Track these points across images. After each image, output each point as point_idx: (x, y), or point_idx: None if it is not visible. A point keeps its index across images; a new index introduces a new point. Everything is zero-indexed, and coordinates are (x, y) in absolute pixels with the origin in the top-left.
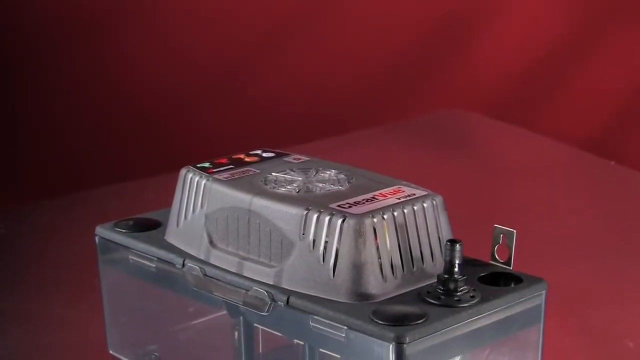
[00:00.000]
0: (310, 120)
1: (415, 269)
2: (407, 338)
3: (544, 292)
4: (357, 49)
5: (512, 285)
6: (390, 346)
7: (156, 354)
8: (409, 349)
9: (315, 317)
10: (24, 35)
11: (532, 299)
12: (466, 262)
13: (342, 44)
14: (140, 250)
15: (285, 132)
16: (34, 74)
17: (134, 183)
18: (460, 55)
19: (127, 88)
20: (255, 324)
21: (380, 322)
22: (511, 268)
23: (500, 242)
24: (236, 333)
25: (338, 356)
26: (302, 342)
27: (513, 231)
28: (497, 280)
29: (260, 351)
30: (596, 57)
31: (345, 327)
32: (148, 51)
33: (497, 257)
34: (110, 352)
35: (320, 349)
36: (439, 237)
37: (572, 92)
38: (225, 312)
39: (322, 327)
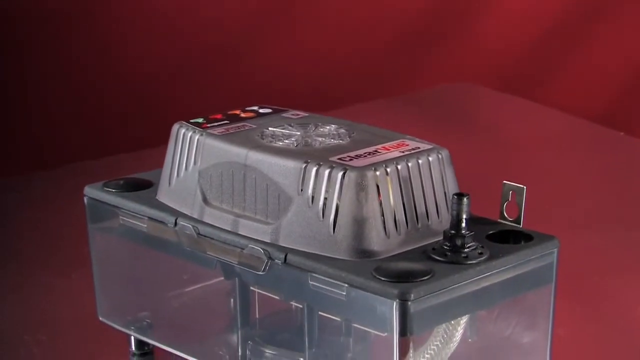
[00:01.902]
0: (311, 94)
1: (419, 225)
2: (412, 295)
3: (555, 250)
4: (360, 21)
5: (522, 243)
6: (394, 303)
7: (148, 320)
8: (413, 307)
9: (314, 275)
10: (15, 8)
11: (543, 258)
12: (473, 221)
13: (344, 16)
14: (130, 209)
15: (286, 106)
16: (26, 47)
17: (128, 155)
18: (465, 27)
19: (121, 61)
20: (252, 287)
21: (382, 278)
22: (521, 226)
23: (510, 199)
24: (232, 300)
25: (338, 319)
26: (300, 306)
27: (523, 187)
28: (507, 239)
29: (257, 317)
30: (605, 29)
31: (346, 285)
32: (143, 24)
33: (506, 215)
34: (100, 319)
35: (320, 312)
36: (445, 193)
37: (580, 64)
38: (221, 278)
39: (321, 286)
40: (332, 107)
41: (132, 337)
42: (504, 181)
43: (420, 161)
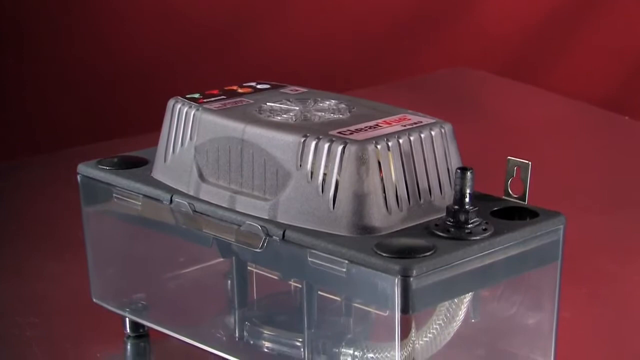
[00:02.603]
0: (309, 79)
1: (422, 201)
2: (414, 271)
3: (561, 227)
4: (359, 6)
5: (528, 220)
6: (396, 280)
7: (143, 302)
8: (415, 283)
9: (314, 251)
10: None
11: (549, 234)
12: (477, 198)
13: (343, 1)
14: (125, 187)
15: None
16: (20, 32)
17: (122, 140)
18: (465, 12)
19: (119, 46)
20: (249, 267)
21: (384, 254)
22: (526, 203)
23: (514, 176)
24: (229, 281)
25: (337, 299)
26: (299, 286)
27: (528, 163)
28: (511, 215)
29: (255, 298)
30: (607, 11)
31: (346, 261)
32: (141, 7)
33: (510, 191)
34: (94, 300)
35: (320, 292)
36: (448, 168)
37: (583, 48)
38: (218, 260)
39: (321, 262)
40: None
41: (127, 319)
42: (509, 157)
43: (422, 135)
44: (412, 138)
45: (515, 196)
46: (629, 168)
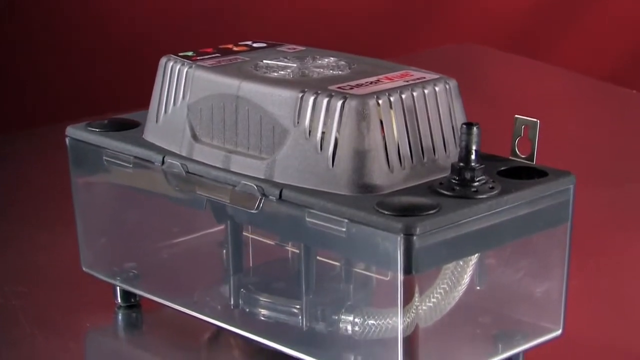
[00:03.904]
0: None
1: (425, 159)
2: (417, 229)
3: (571, 186)
4: None
5: (536, 179)
6: (398, 238)
7: (135, 271)
8: (418, 242)
9: (312, 210)
10: None
11: (559, 194)
12: (483, 158)
13: None
14: (115, 149)
15: None
16: (12, 5)
17: (115, 115)
18: None
19: (112, 19)
20: (245, 233)
21: (386, 212)
22: (534, 162)
23: (522, 135)
24: (224, 250)
25: (337, 264)
26: (296, 251)
27: (536, 121)
28: (519, 176)
29: (251, 265)
30: None
31: (346, 220)
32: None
33: (518, 151)
34: (84, 269)
35: (318, 258)
36: (452, 126)
37: (589, 22)
38: (213, 229)
39: (319, 222)
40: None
41: (118, 289)
42: (516, 115)
43: (426, 91)
44: (415, 93)
45: (523, 156)
46: (637, 141)
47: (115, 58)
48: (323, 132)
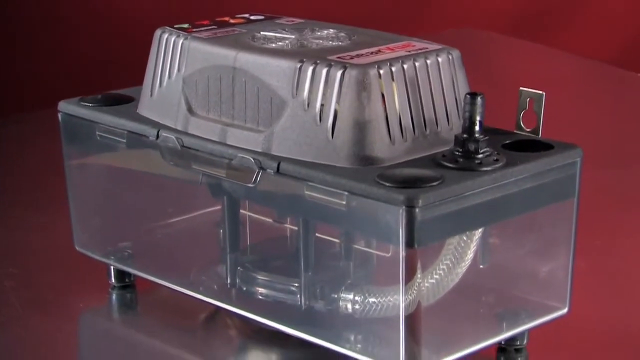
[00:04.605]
0: None
1: (428, 132)
2: (420, 201)
3: (578, 159)
4: None
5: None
6: (400, 210)
7: (129, 251)
8: (421, 214)
9: (311, 183)
10: None
11: (565, 167)
12: (487, 131)
13: None
14: (108, 123)
15: None
16: None
17: None
18: None
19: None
20: (242, 211)
21: (387, 184)
22: (539, 136)
23: (527, 108)
24: (220, 232)
25: (336, 240)
26: (295, 228)
27: (542, 93)
28: (524, 149)
29: (248, 243)
30: None
31: (346, 193)
32: None
33: (522, 125)
34: (77, 249)
35: (317, 235)
36: (455, 98)
37: (593, 5)
38: (208, 209)
39: (318, 195)
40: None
41: (112, 269)
42: (521, 88)
43: (428, 61)
44: (417, 64)
45: (528, 130)
46: None
47: (108, 37)
48: (322, 104)
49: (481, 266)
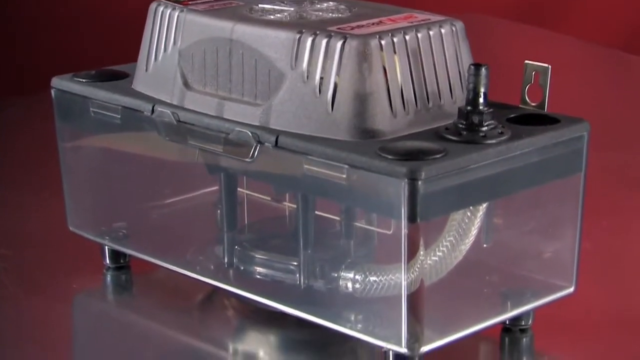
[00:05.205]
0: None
1: (430, 105)
2: (422, 173)
3: (585, 134)
4: None
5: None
6: (402, 183)
7: (124, 231)
8: (424, 187)
9: (310, 157)
10: None
11: (572, 142)
12: (492, 105)
13: None
14: (102, 99)
15: None
16: None
17: None
18: None
19: None
20: (240, 190)
21: (389, 157)
22: (545, 110)
23: (532, 82)
24: (218, 212)
25: (337, 218)
26: (294, 205)
27: (547, 66)
28: (529, 123)
29: (246, 222)
30: None
31: (347, 166)
32: None
33: (528, 99)
34: (71, 229)
35: (317, 212)
36: (459, 70)
37: None
38: (206, 190)
39: (318, 169)
40: None
41: (107, 250)
42: (526, 61)
43: (431, 32)
44: (419, 35)
45: (534, 104)
46: None
47: (101, 16)
48: (322, 76)
49: (485, 245)
